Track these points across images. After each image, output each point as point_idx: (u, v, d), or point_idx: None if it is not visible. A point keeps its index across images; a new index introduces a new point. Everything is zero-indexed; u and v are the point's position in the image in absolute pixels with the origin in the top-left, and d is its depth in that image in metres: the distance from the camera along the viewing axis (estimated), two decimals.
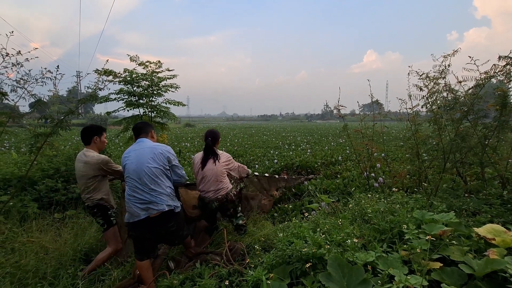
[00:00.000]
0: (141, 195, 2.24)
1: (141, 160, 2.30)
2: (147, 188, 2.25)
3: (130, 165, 2.30)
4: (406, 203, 2.51)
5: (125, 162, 2.36)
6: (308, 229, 2.08)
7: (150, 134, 2.60)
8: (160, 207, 2.27)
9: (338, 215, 2.35)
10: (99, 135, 2.77)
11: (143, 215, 2.23)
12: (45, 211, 3.77)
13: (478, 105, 3.32)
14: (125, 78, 5.20)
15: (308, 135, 18.46)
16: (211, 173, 2.90)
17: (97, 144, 2.77)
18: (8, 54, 3.19)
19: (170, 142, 13.70)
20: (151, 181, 2.27)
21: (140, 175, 2.25)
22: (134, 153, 2.36)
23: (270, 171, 7.11)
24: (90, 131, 2.75)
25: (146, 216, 2.24)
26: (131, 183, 2.27)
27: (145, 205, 2.24)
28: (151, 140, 2.57)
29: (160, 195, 2.30)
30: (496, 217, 2.52)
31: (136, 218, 2.24)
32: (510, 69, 3.03)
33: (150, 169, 2.28)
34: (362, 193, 4.11)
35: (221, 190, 2.90)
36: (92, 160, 2.59)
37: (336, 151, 9.46)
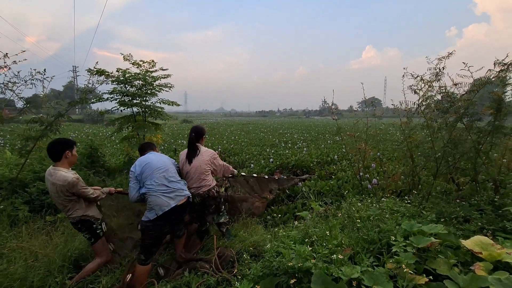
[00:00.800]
0: (170, 184, 2.54)
1: (164, 160, 2.74)
2: (174, 179, 2.63)
3: (156, 163, 2.62)
4: (396, 211, 2.50)
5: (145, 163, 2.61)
6: (296, 239, 2.06)
7: (155, 150, 2.97)
8: (185, 193, 2.64)
9: (328, 222, 2.34)
10: (70, 149, 2.48)
11: (172, 204, 2.47)
12: (36, 214, 3.74)
13: (473, 109, 3.31)
14: (118, 78, 5.13)
15: (305, 132, 18.45)
16: (194, 170, 2.98)
17: (69, 159, 2.47)
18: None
19: (167, 139, 13.65)
20: (175, 174, 2.71)
21: (167, 168, 2.64)
22: (154, 156, 2.72)
23: (265, 171, 7.10)
24: (59, 146, 2.43)
25: (175, 205, 2.48)
26: (159, 177, 2.53)
27: (173, 193, 2.52)
28: None
29: (183, 185, 2.71)
30: (487, 224, 2.52)
31: (166, 207, 2.43)
32: (505, 75, 3.01)
33: (172, 166, 2.76)
34: (355, 195, 4.12)
35: (203, 186, 2.96)
36: (58, 182, 2.33)
37: (332, 149, 9.46)
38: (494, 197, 3.16)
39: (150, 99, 5.60)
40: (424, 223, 2.10)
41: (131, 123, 5.47)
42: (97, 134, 16.34)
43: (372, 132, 4.05)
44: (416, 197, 3.64)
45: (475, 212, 2.75)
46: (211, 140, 13.72)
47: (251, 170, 7.06)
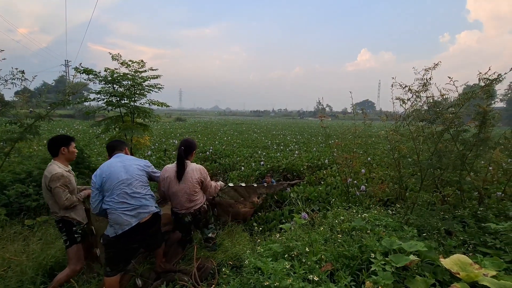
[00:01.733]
0: (131, 201, 2.30)
1: (130, 169, 2.41)
2: (138, 194, 2.35)
3: (118, 173, 2.33)
4: (379, 225, 2.49)
5: (107, 173, 2.31)
6: (277, 252, 2.02)
7: (125, 151, 2.67)
8: (150, 209, 2.39)
9: (311, 236, 2.31)
10: (66, 146, 2.57)
11: (134, 222, 2.27)
12: (14, 217, 3.62)
13: (458, 121, 3.32)
14: (105, 78, 5.02)
15: (298, 134, 18.48)
16: (183, 192, 2.75)
17: (65, 155, 2.57)
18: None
19: (158, 138, 13.49)
20: (141, 187, 2.41)
21: (131, 182, 2.34)
22: (118, 164, 2.41)
23: (256, 174, 7.06)
24: (56, 142, 2.54)
25: (137, 222, 2.28)
26: (120, 192, 2.28)
27: (135, 211, 2.29)
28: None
29: (149, 198, 2.44)
30: (468, 238, 2.53)
31: (126, 226, 2.24)
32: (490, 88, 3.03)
33: (138, 176, 2.43)
34: (342, 203, 4.11)
35: (193, 206, 2.81)
36: (46, 173, 2.41)
37: (324, 153, 9.48)
38: (478, 209, 3.19)
39: (139, 99, 5.50)
40: (405, 239, 2.08)
41: (118, 123, 5.36)
42: (87, 131, 16.04)
43: (359, 141, 4.04)
44: (401, 206, 3.66)
45: (457, 225, 2.76)
46: (203, 140, 13.61)
47: (241, 172, 7.02)
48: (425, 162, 3.02)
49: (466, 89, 3.29)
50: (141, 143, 5.60)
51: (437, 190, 3.66)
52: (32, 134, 3.07)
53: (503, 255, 2.07)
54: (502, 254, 2.11)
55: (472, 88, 3.02)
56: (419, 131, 3.31)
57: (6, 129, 3.09)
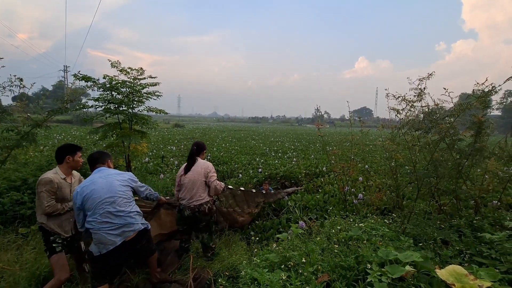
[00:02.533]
0: (115, 220, 2.19)
1: (112, 186, 2.27)
2: (122, 212, 2.23)
3: (100, 191, 2.20)
4: (375, 235, 2.49)
5: (87, 191, 2.19)
6: (274, 263, 2.01)
7: (107, 164, 2.55)
8: (135, 227, 2.28)
9: (307, 246, 2.30)
10: (72, 155, 2.58)
11: (118, 241, 2.18)
12: (9, 226, 3.58)
13: (453, 130, 3.36)
14: (104, 85, 5.04)
15: (296, 141, 18.53)
16: (188, 181, 2.98)
17: (69, 163, 2.58)
18: None
19: (156, 144, 13.47)
20: (125, 204, 2.28)
21: (114, 200, 2.22)
22: (100, 180, 2.28)
23: (253, 181, 7.05)
24: (63, 150, 2.57)
25: (122, 241, 2.19)
26: (103, 211, 2.17)
27: (119, 229, 2.19)
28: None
29: (134, 215, 2.32)
30: (465, 248, 2.53)
31: (111, 246, 2.15)
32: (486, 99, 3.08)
33: (121, 193, 2.29)
34: (340, 211, 4.11)
35: (195, 199, 2.92)
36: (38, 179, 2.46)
37: (321, 160, 9.49)
38: (474, 218, 3.20)
39: (138, 106, 5.52)
40: (401, 249, 2.09)
41: (116, 130, 5.36)
42: (84, 137, 15.98)
43: (356, 149, 4.06)
44: (398, 215, 3.66)
45: (454, 234, 2.77)
46: None
47: (239, 180, 7.01)
48: (421, 171, 3.04)
49: (463, 97, 3.33)
50: (138, 150, 5.59)
51: (433, 199, 3.68)
52: (29, 141, 3.06)
53: (498, 265, 2.08)
54: (498, 264, 2.11)
55: (468, 99, 3.06)
56: (414, 140, 3.34)
57: (3, 136, 3.08)
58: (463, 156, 3.32)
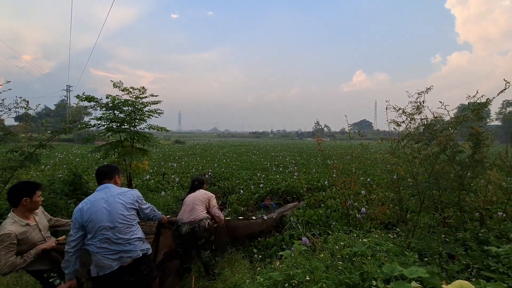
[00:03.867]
0: (114, 246, 2.10)
1: (113, 210, 2.14)
2: (122, 240, 2.13)
3: (100, 216, 2.10)
4: (380, 250, 2.46)
5: (90, 213, 2.09)
6: (277, 281, 1.98)
7: (114, 180, 2.37)
8: (134, 254, 2.18)
9: (311, 263, 2.27)
10: (30, 196, 2.22)
11: (115, 266, 2.11)
12: None
13: (453, 142, 3.38)
14: (106, 104, 5.13)
15: (297, 155, 18.53)
16: (189, 200, 3.13)
17: (27, 206, 2.21)
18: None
19: (156, 161, 13.48)
20: (125, 230, 2.17)
21: (114, 225, 2.11)
22: (102, 202, 2.15)
23: (255, 197, 7.01)
24: (17, 192, 2.20)
25: (118, 266, 2.12)
26: (102, 235, 2.09)
27: (118, 255, 2.12)
28: (116, 185, 2.36)
29: (134, 241, 2.20)
30: (471, 262, 2.49)
31: (108, 270, 2.09)
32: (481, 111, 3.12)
33: (123, 218, 2.17)
34: (343, 226, 4.06)
35: (194, 214, 2.99)
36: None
37: (323, 174, 9.46)
38: (479, 231, 3.16)
39: (139, 124, 5.59)
40: (406, 265, 2.06)
41: (118, 149, 5.40)
42: (85, 155, 16.03)
43: (357, 164, 4.08)
44: (402, 229, 3.62)
45: (459, 248, 2.73)
46: (202, 163, 13.61)
47: (241, 196, 6.97)
48: (423, 183, 3.04)
49: (461, 108, 3.37)
50: (140, 168, 5.61)
51: (437, 212, 3.65)
52: (32, 162, 3.10)
53: (506, 280, 2.04)
54: (506, 278, 2.08)
55: (464, 111, 3.11)
56: (414, 153, 3.36)
57: (7, 157, 3.12)
58: (464, 167, 3.32)
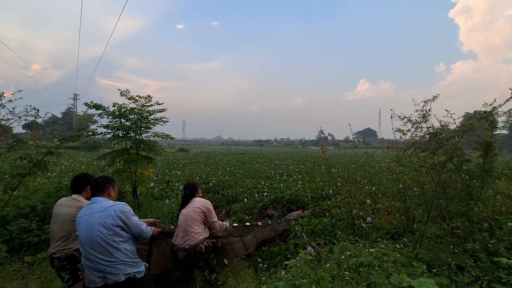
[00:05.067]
0: (96, 265, 2.01)
1: (92, 229, 2.01)
2: (102, 260, 2.01)
3: (81, 234, 2.04)
4: (387, 260, 2.42)
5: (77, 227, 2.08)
6: None
7: (107, 192, 2.24)
8: (116, 277, 2.02)
9: (317, 273, 2.24)
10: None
11: (99, 283, 2.02)
12: (15, 254, 3.55)
13: (460, 151, 3.34)
14: (113, 113, 5.21)
15: (301, 163, 18.46)
16: (182, 219, 2.81)
17: (88, 193, 2.60)
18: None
19: (161, 169, 13.53)
20: (104, 252, 2.01)
21: (93, 245, 2.00)
22: (83, 219, 2.06)
23: (259, 205, 6.97)
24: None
25: (103, 283, 2.03)
26: (85, 254, 2.04)
27: (101, 273, 2.02)
28: (109, 198, 2.24)
29: (116, 264, 2.03)
30: (482, 273, 2.43)
31: (93, 285, 2.03)
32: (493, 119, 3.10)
33: (102, 237, 2.00)
34: (349, 236, 4.01)
35: (189, 239, 2.71)
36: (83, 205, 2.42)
37: (327, 183, 9.39)
38: (489, 242, 3.09)
39: (145, 132, 5.66)
40: (414, 276, 2.02)
41: (124, 156, 5.45)
42: (91, 163, 16.16)
43: (361, 173, 4.06)
44: (409, 239, 3.55)
45: (469, 259, 2.67)
46: (206, 171, 13.62)
47: (244, 204, 6.93)
48: (430, 193, 3.01)
49: (467, 116, 3.35)
50: (145, 175, 5.64)
51: (445, 222, 3.58)
52: (41, 169, 3.14)
53: None
54: None
55: (470, 120, 3.09)
56: (421, 162, 3.33)
57: (16, 165, 3.16)
58: (472, 177, 3.28)
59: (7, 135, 3.18)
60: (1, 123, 3.16)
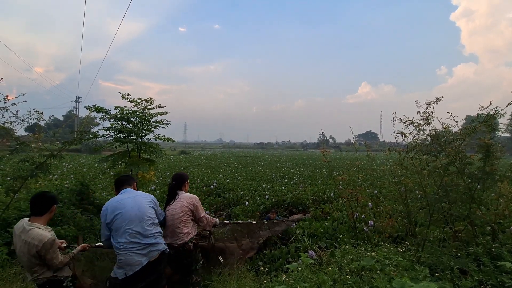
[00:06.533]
0: (143, 240, 2.24)
1: (141, 206, 2.34)
2: (149, 232, 2.29)
3: (130, 211, 2.26)
4: (389, 264, 2.40)
5: (118, 211, 2.23)
6: None
7: (133, 186, 2.59)
8: (160, 247, 2.34)
9: (319, 277, 2.23)
10: (56, 204, 2.31)
11: (144, 261, 2.22)
12: (16, 256, 3.55)
13: (462, 154, 3.33)
14: (115, 115, 5.23)
15: (302, 166, 18.43)
16: (169, 218, 2.76)
17: (51, 214, 2.29)
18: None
19: (162, 172, 13.54)
20: (152, 224, 2.35)
21: (142, 220, 2.28)
22: (130, 200, 2.33)
23: (260, 208, 6.95)
24: (49, 199, 2.24)
25: (147, 261, 2.23)
26: (131, 231, 2.22)
27: (146, 249, 2.25)
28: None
29: (159, 235, 2.39)
30: (485, 278, 2.41)
31: (137, 267, 2.18)
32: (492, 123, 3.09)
33: (150, 212, 2.38)
34: (350, 239, 3.99)
35: (178, 238, 2.72)
36: (33, 241, 2.05)
37: (329, 186, 9.36)
38: (492, 245, 3.07)
39: (146, 135, 5.66)
40: (417, 280, 2.00)
41: (125, 159, 5.46)
42: (92, 165, 16.22)
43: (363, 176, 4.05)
44: (412, 243, 3.53)
45: (472, 263, 2.65)
46: (207, 173, 13.62)
47: (246, 207, 6.92)
48: (432, 196, 2.99)
49: (468, 119, 3.34)
50: (146, 178, 5.64)
51: (447, 225, 3.56)
52: (43, 171, 3.15)
53: None
54: None
55: (472, 122, 3.08)
56: (423, 165, 3.32)
57: (18, 167, 3.18)
58: (474, 180, 3.26)
59: (10, 137, 3.21)
60: (4, 126, 3.17)
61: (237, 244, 3.73)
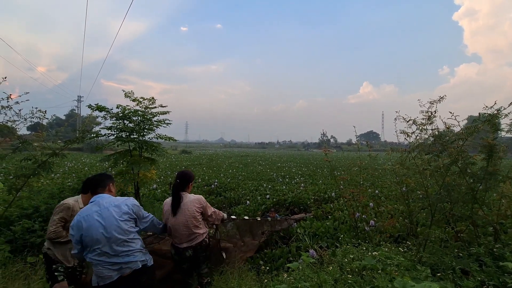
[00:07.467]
0: (112, 259, 2.04)
1: (109, 224, 2.03)
2: (120, 252, 2.05)
3: (95, 233, 2.00)
4: (390, 264, 2.40)
5: (85, 227, 1.99)
6: None
7: (108, 188, 2.30)
8: (133, 265, 2.09)
9: (320, 276, 2.23)
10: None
11: (115, 276, 2.05)
12: (18, 254, 3.57)
13: (464, 154, 3.32)
14: (117, 114, 5.24)
15: (303, 166, 18.42)
16: (182, 227, 2.68)
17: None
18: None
19: (163, 171, 13.57)
20: (123, 243, 2.07)
21: (110, 240, 2.02)
22: (95, 216, 2.03)
23: (261, 208, 6.95)
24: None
25: (118, 276, 2.06)
26: (99, 251, 2.02)
27: (117, 266, 2.05)
28: (110, 194, 2.28)
29: (135, 252, 2.11)
30: (487, 278, 2.40)
31: (108, 280, 2.03)
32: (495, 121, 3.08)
33: (121, 229, 2.06)
34: (351, 239, 3.98)
35: (195, 238, 2.73)
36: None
37: (330, 185, 9.35)
38: (494, 246, 3.06)
39: (148, 134, 5.67)
40: (418, 280, 2.00)
41: (126, 158, 5.47)
42: (94, 164, 16.27)
43: (364, 175, 4.04)
44: (413, 243, 3.52)
45: (474, 264, 2.64)
46: (208, 173, 13.64)
47: (247, 207, 6.92)
48: (434, 196, 2.98)
49: (471, 119, 3.32)
50: (147, 177, 5.65)
51: (449, 225, 3.55)
52: (45, 170, 3.16)
53: None
54: None
55: (475, 122, 3.07)
56: (425, 164, 3.31)
57: (20, 166, 3.19)
58: (476, 180, 3.25)
59: (13, 136, 3.23)
60: (7, 124, 3.18)
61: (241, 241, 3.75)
